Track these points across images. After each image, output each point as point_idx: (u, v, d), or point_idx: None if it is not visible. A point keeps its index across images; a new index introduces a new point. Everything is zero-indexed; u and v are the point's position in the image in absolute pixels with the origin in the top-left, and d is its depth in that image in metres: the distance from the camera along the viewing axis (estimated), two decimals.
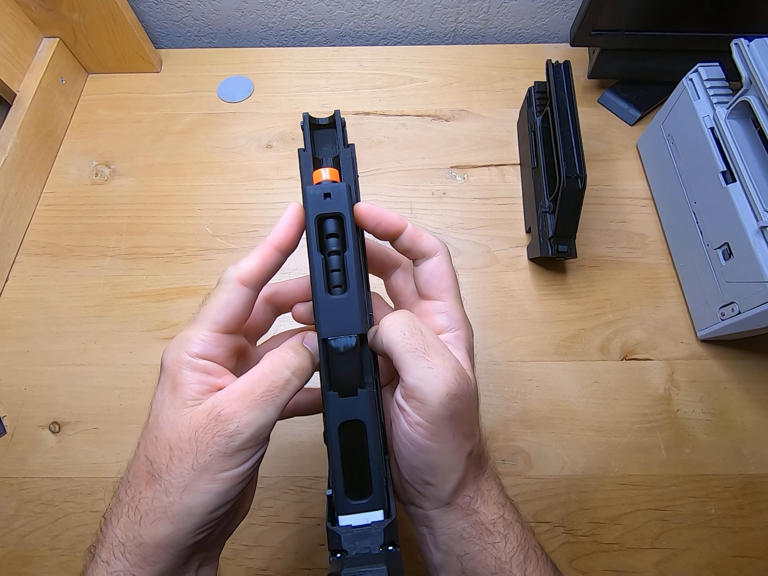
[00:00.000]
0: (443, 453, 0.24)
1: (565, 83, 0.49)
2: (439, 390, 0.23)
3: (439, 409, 0.23)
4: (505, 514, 0.26)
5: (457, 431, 0.24)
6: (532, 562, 0.26)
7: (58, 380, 0.47)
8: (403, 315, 0.24)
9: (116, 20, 0.58)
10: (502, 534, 0.25)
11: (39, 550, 0.41)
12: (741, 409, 0.45)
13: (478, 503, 0.26)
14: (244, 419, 0.22)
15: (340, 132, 0.26)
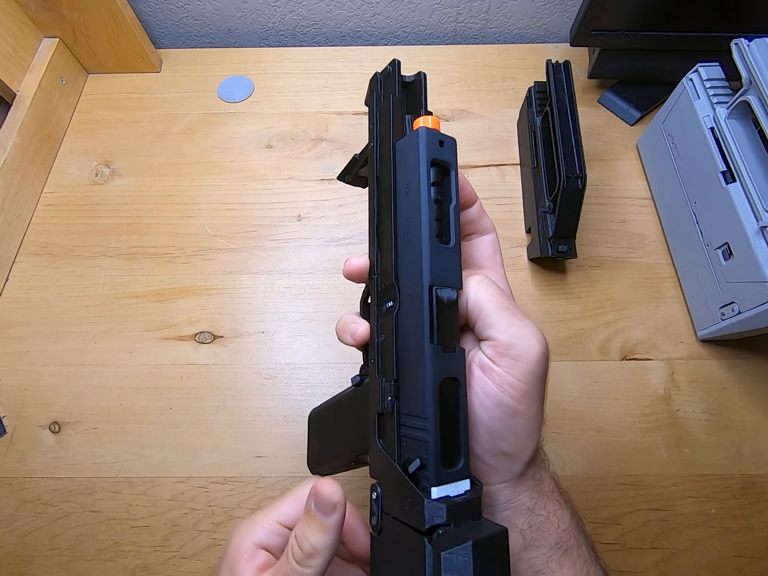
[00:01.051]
0: (529, 416, 0.23)
1: (565, 83, 0.49)
2: (535, 348, 0.23)
3: (534, 368, 0.23)
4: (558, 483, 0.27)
5: (542, 394, 0.24)
6: (581, 533, 0.26)
7: (58, 380, 0.47)
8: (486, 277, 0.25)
9: (116, 20, 0.58)
10: (559, 502, 0.26)
11: (39, 550, 0.41)
12: (741, 409, 0.45)
13: (540, 470, 0.26)
14: None
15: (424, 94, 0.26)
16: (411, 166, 0.23)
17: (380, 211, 0.25)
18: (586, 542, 0.26)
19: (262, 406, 0.46)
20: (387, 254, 0.25)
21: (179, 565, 0.40)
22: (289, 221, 0.55)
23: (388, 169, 0.25)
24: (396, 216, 0.24)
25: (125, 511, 0.42)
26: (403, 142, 0.25)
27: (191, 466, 0.44)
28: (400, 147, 0.25)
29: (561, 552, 0.24)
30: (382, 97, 0.26)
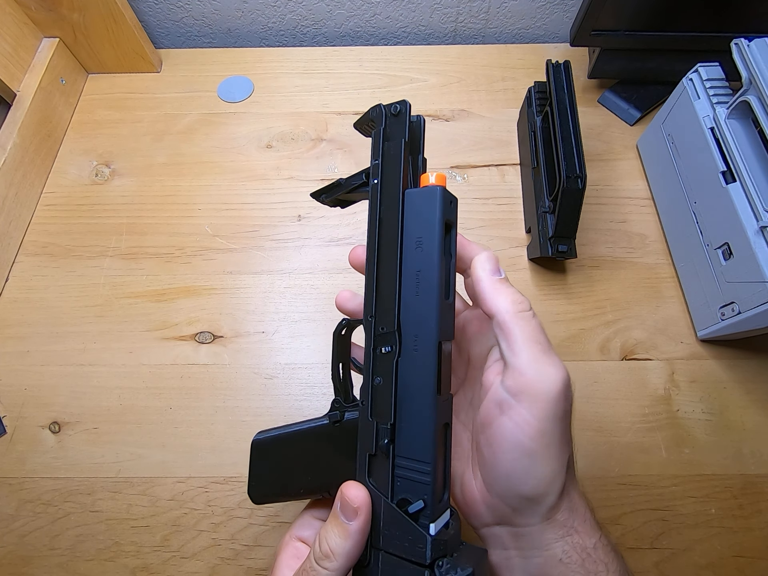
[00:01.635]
0: (547, 458, 0.22)
1: (565, 83, 0.49)
2: (555, 386, 0.22)
3: (554, 407, 0.22)
4: (602, 538, 0.24)
5: (563, 435, 0.23)
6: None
7: (58, 380, 0.47)
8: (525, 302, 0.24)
9: (116, 20, 0.58)
10: (603, 562, 0.23)
11: (39, 550, 0.41)
12: (741, 409, 0.45)
13: (576, 521, 0.24)
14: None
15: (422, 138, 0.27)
16: (425, 222, 0.24)
17: (381, 254, 0.26)
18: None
19: (262, 406, 0.46)
20: (387, 300, 0.25)
21: (179, 565, 0.40)
22: (289, 221, 0.55)
23: (395, 215, 0.25)
24: (401, 265, 0.25)
25: (125, 511, 0.42)
26: (417, 196, 0.25)
27: (191, 466, 0.44)
28: (411, 198, 0.25)
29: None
30: (388, 135, 0.26)
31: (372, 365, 0.25)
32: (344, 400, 0.27)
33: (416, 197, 0.25)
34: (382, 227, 0.26)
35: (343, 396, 0.28)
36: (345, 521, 0.22)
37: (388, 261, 0.25)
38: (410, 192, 0.26)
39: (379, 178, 0.26)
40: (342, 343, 0.28)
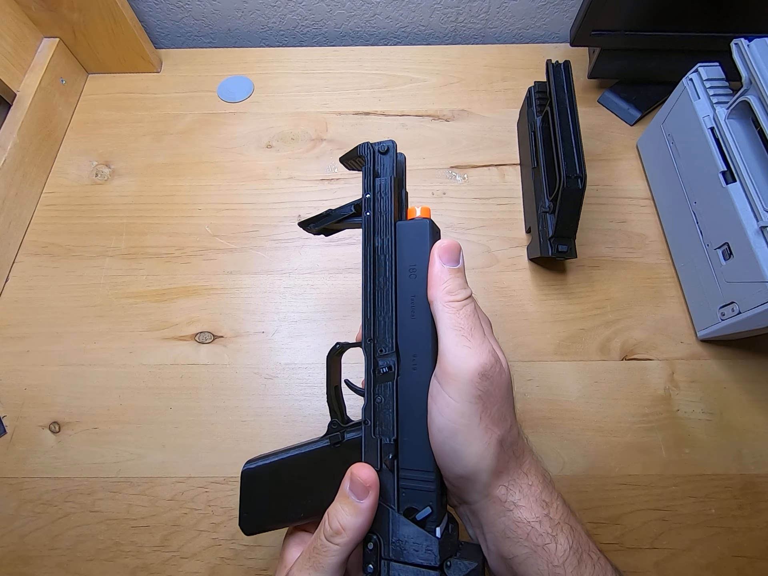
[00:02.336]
0: (470, 438, 0.24)
1: (565, 83, 0.49)
2: (470, 366, 0.24)
3: (468, 387, 0.23)
4: (551, 513, 0.25)
5: (485, 414, 0.24)
6: (588, 567, 0.24)
7: (58, 380, 0.47)
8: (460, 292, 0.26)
9: (116, 20, 0.58)
10: (550, 534, 0.24)
11: (39, 550, 0.41)
12: (741, 409, 0.45)
13: (517, 496, 0.25)
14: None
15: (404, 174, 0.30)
16: (418, 251, 0.27)
17: (376, 281, 0.28)
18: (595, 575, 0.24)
19: (262, 406, 0.46)
20: (385, 324, 0.27)
21: (179, 565, 0.40)
22: (289, 221, 0.55)
23: (389, 245, 0.27)
24: (397, 291, 0.27)
25: (125, 511, 0.42)
26: (408, 228, 0.28)
27: (191, 466, 0.44)
28: (403, 230, 0.28)
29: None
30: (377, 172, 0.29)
31: (373, 385, 0.27)
32: (341, 422, 0.29)
33: (407, 229, 0.28)
34: (377, 256, 0.28)
35: (339, 417, 0.29)
36: (356, 500, 0.24)
37: (384, 287, 0.27)
38: (402, 224, 0.28)
39: (371, 211, 0.28)
40: (335, 365, 0.29)
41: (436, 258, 0.26)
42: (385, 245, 0.27)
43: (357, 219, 0.30)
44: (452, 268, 0.26)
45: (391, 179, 0.28)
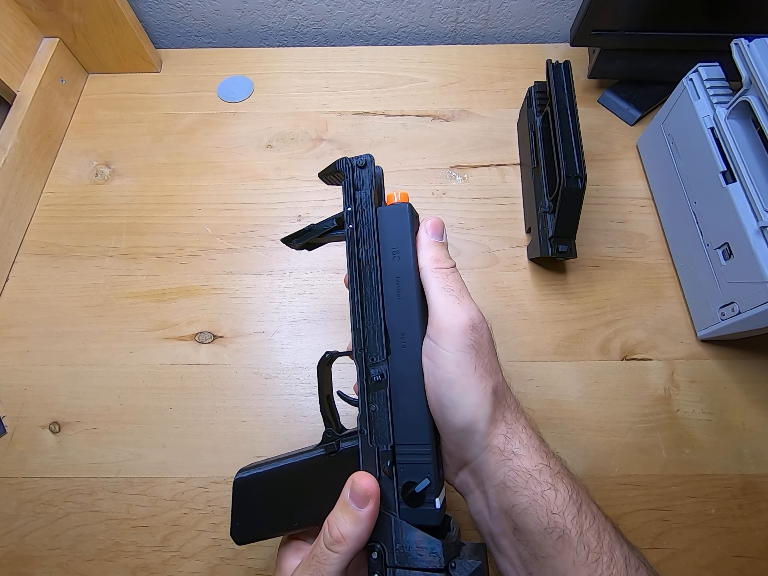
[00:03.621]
0: (467, 386, 0.25)
1: (565, 83, 0.49)
2: (461, 318, 0.26)
3: (461, 337, 0.25)
4: (551, 464, 0.26)
5: (479, 362, 0.26)
6: (587, 518, 0.24)
7: (58, 380, 0.47)
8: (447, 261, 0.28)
9: (116, 20, 0.58)
10: (549, 483, 0.25)
11: (39, 550, 0.41)
12: (741, 409, 0.45)
13: (516, 445, 0.26)
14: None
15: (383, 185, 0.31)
16: (399, 233, 0.28)
17: (363, 291, 0.28)
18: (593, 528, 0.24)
19: (262, 406, 0.46)
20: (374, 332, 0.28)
21: (179, 565, 0.40)
22: (289, 221, 0.55)
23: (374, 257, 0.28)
24: (382, 274, 0.28)
25: (125, 511, 0.42)
26: (389, 212, 0.29)
27: (191, 466, 0.44)
28: (384, 215, 0.29)
29: (555, 537, 0.24)
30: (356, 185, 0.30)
31: (367, 394, 0.27)
32: (336, 431, 0.29)
33: (388, 213, 0.29)
34: (362, 267, 0.28)
35: (334, 426, 0.29)
36: (356, 508, 0.24)
37: (371, 297, 0.28)
38: (382, 209, 0.29)
39: (354, 224, 0.29)
40: (326, 374, 0.30)
41: (423, 232, 0.29)
42: (369, 256, 0.28)
43: (339, 232, 0.30)
44: (438, 241, 0.29)
45: (371, 191, 0.29)
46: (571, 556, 0.23)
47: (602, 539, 0.24)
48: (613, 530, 0.25)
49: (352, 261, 0.28)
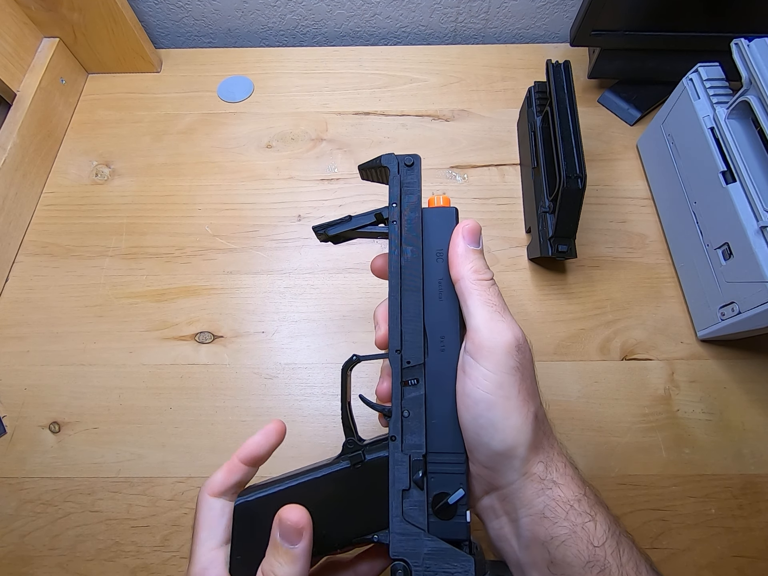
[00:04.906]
0: (508, 409, 0.24)
1: (565, 83, 0.49)
2: (506, 338, 0.24)
3: (506, 358, 0.24)
4: (588, 493, 0.24)
5: (522, 386, 0.24)
6: (626, 551, 0.23)
7: (58, 380, 0.47)
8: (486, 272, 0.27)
9: (116, 20, 0.58)
10: (589, 514, 0.24)
11: (39, 550, 0.41)
12: (741, 409, 0.45)
13: (555, 474, 0.24)
14: None
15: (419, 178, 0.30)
16: (445, 236, 0.28)
17: (403, 292, 0.27)
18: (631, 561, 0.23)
19: (262, 406, 0.46)
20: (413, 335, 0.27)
21: (179, 565, 0.40)
22: (289, 221, 0.55)
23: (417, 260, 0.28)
24: (424, 276, 0.27)
25: (125, 511, 0.42)
26: (436, 214, 0.28)
27: (191, 466, 0.44)
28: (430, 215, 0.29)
29: (596, 572, 0.22)
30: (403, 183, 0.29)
31: (401, 400, 0.26)
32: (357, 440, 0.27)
33: (435, 215, 0.28)
34: (404, 266, 0.28)
35: (355, 435, 0.27)
36: (289, 546, 0.22)
37: (412, 296, 0.27)
38: (429, 210, 0.29)
39: (398, 220, 0.28)
40: (349, 379, 0.28)
41: (460, 238, 0.27)
42: (412, 255, 0.28)
43: (375, 228, 0.29)
44: (476, 249, 0.27)
45: (419, 197, 0.29)
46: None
47: (640, 572, 0.23)
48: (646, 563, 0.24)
49: (395, 259, 0.28)
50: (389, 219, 0.28)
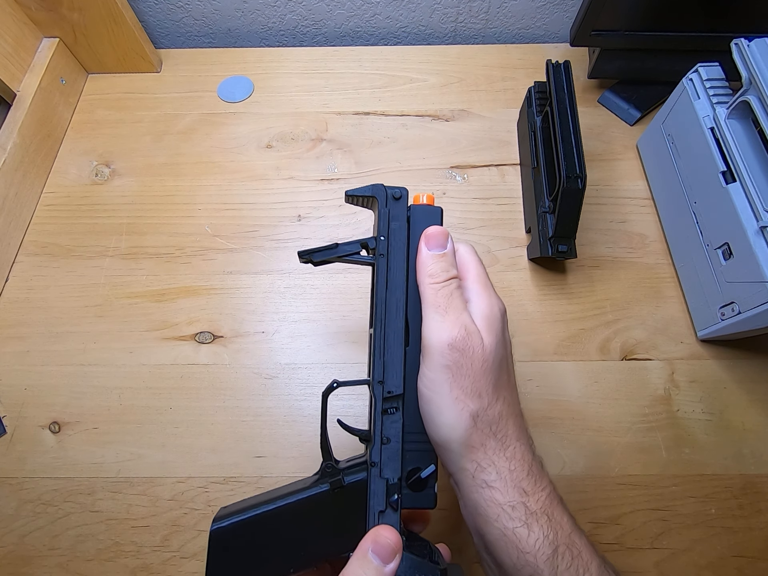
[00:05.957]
0: (441, 406, 0.25)
1: (565, 83, 0.49)
2: (441, 339, 0.25)
3: (438, 358, 0.25)
4: (529, 502, 0.25)
5: (455, 384, 0.25)
6: (564, 560, 0.24)
7: (58, 380, 0.47)
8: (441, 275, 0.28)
9: (116, 20, 0.58)
10: (522, 521, 0.24)
11: (39, 550, 0.41)
12: (741, 409, 0.45)
13: (492, 476, 0.25)
14: None
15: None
16: None
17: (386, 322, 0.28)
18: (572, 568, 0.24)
19: (262, 406, 0.46)
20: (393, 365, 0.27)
21: (179, 565, 0.40)
22: (289, 221, 0.55)
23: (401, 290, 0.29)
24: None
25: (125, 511, 0.42)
26: (423, 211, 0.30)
27: (191, 466, 0.44)
28: (418, 212, 0.30)
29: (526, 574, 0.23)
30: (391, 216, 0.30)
31: (381, 428, 0.27)
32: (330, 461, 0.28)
33: (421, 212, 0.30)
34: (388, 297, 0.28)
35: (332, 459, 0.28)
36: (380, 564, 0.23)
37: (393, 328, 0.28)
38: (416, 207, 0.30)
39: (386, 254, 0.29)
40: (326, 404, 0.29)
41: (423, 245, 0.29)
42: (397, 288, 0.28)
43: (359, 257, 0.30)
44: (436, 254, 0.28)
45: (405, 226, 0.29)
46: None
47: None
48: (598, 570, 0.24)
49: (381, 291, 0.28)
50: (377, 251, 0.29)
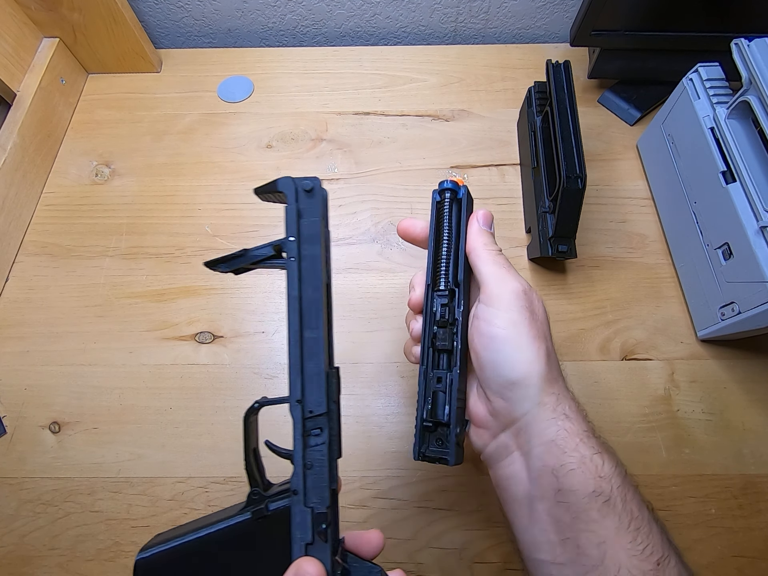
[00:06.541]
0: (521, 343, 0.27)
1: (565, 83, 0.49)
2: (515, 286, 0.28)
3: (516, 301, 0.27)
4: (596, 433, 0.26)
5: (532, 323, 0.27)
6: (630, 490, 0.25)
7: (58, 380, 0.47)
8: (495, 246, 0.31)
9: (116, 20, 0.58)
10: (596, 449, 0.25)
11: (39, 550, 0.41)
12: (741, 409, 0.45)
13: (569, 407, 0.27)
14: None
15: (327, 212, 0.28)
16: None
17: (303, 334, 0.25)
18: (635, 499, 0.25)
19: None
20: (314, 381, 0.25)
21: None
22: None
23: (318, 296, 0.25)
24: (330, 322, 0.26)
25: (125, 511, 0.42)
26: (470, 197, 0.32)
27: (191, 466, 0.44)
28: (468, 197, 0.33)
29: (601, 501, 0.24)
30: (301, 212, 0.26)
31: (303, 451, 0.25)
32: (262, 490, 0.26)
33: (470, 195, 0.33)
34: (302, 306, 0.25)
35: (260, 485, 0.26)
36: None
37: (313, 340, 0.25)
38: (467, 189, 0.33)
39: (297, 257, 0.25)
40: (253, 425, 0.27)
41: (476, 220, 0.31)
42: (313, 294, 0.25)
43: (276, 261, 0.26)
44: (488, 230, 0.31)
45: (320, 221, 0.26)
46: (614, 522, 0.24)
47: (643, 512, 0.25)
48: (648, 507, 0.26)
49: (293, 299, 0.25)
50: (287, 254, 0.25)
